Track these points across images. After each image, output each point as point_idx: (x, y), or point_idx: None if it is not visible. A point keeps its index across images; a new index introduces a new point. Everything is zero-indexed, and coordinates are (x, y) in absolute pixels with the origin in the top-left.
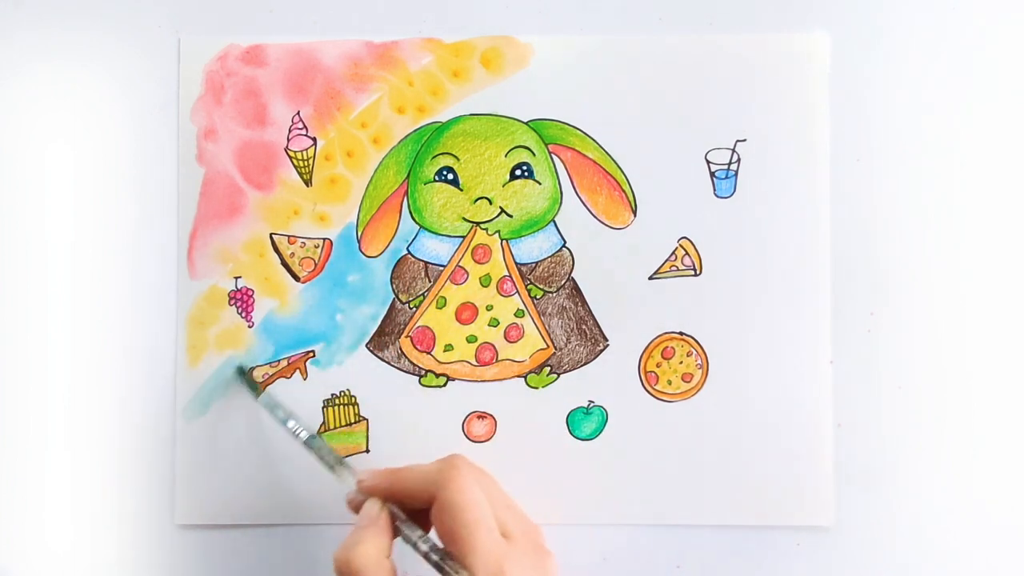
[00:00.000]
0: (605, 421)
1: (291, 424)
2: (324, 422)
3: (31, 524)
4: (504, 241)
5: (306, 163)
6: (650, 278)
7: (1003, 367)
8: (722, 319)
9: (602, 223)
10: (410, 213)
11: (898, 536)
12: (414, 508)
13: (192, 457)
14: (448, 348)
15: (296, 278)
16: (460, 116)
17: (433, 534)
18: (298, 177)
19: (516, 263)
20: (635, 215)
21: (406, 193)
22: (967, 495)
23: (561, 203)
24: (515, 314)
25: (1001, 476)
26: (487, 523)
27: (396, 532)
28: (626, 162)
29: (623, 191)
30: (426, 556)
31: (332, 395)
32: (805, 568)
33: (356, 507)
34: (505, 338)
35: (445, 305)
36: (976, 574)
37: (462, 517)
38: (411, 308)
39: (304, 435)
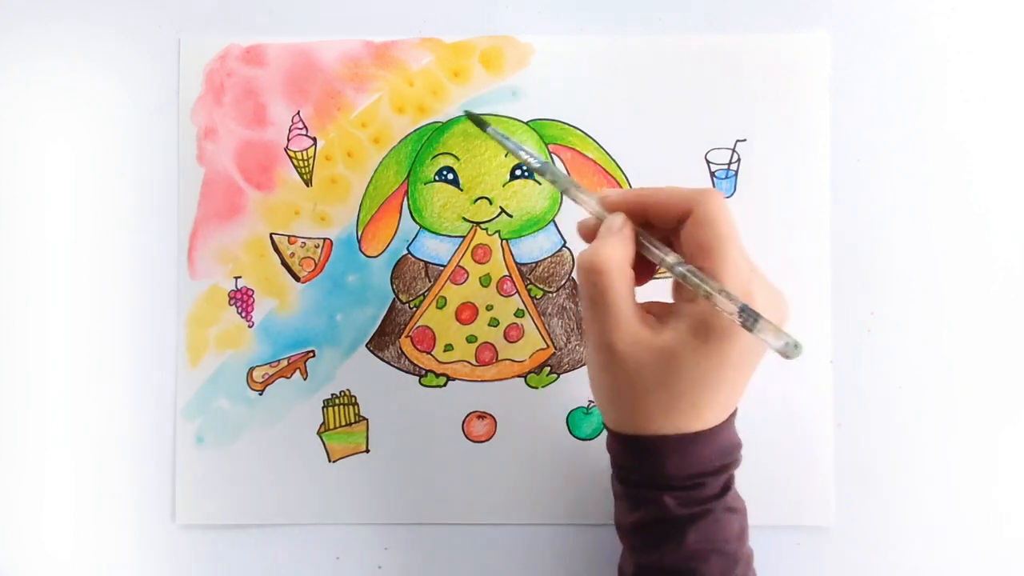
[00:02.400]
0: None
1: (523, 153)
2: (324, 422)
3: (31, 524)
4: (504, 241)
5: (306, 163)
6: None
7: (1003, 367)
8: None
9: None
10: (410, 213)
11: (898, 536)
12: (659, 227)
13: (192, 457)
14: (448, 348)
15: (296, 278)
16: (460, 116)
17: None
18: (298, 177)
19: (516, 263)
20: None
21: (406, 193)
22: (967, 495)
23: (561, 203)
24: (515, 314)
25: (1001, 476)
26: (739, 242)
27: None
28: (626, 162)
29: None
30: (671, 268)
31: (332, 395)
32: (805, 568)
33: (587, 232)
34: (505, 338)
35: (445, 305)
36: (976, 574)
37: (719, 230)
38: (411, 308)
39: (536, 162)
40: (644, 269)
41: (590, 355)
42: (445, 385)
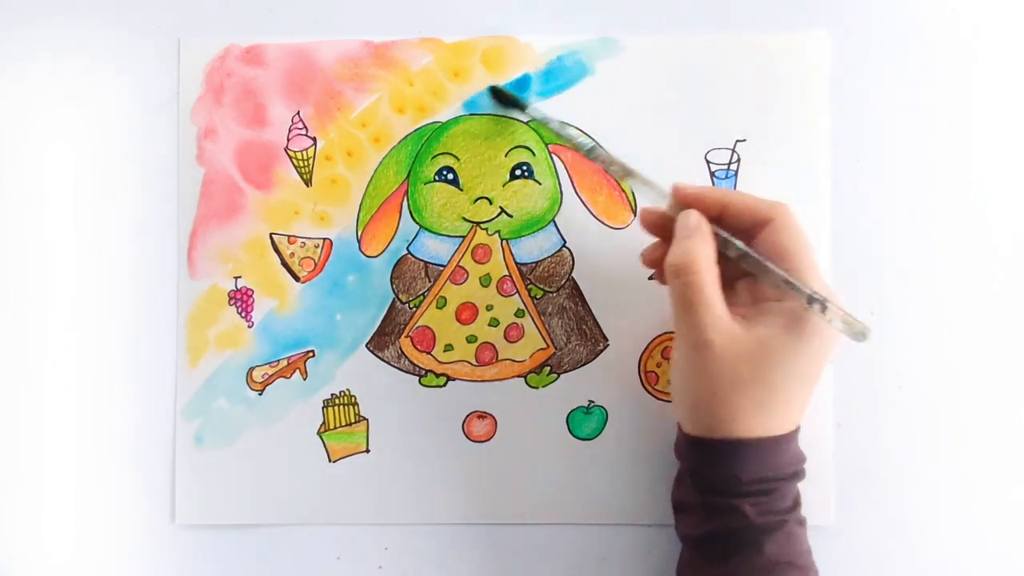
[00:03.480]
0: (605, 421)
1: (567, 132)
2: (324, 422)
3: (30, 524)
4: (504, 241)
5: (306, 163)
6: (650, 278)
7: (1003, 367)
8: None
9: (602, 223)
10: (410, 213)
11: (898, 536)
12: (728, 227)
13: (192, 457)
14: (448, 348)
15: (296, 278)
16: (460, 116)
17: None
18: (298, 177)
19: (516, 263)
20: (635, 215)
21: (406, 193)
22: (967, 495)
23: (561, 203)
24: (515, 314)
25: (1001, 476)
26: (815, 254)
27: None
28: (626, 162)
29: (623, 191)
30: (741, 257)
31: (332, 395)
32: None
33: (651, 219)
34: (505, 338)
35: (445, 305)
36: (976, 574)
37: (802, 237)
38: (411, 308)
39: (586, 146)
40: None
41: (683, 357)
42: (445, 385)
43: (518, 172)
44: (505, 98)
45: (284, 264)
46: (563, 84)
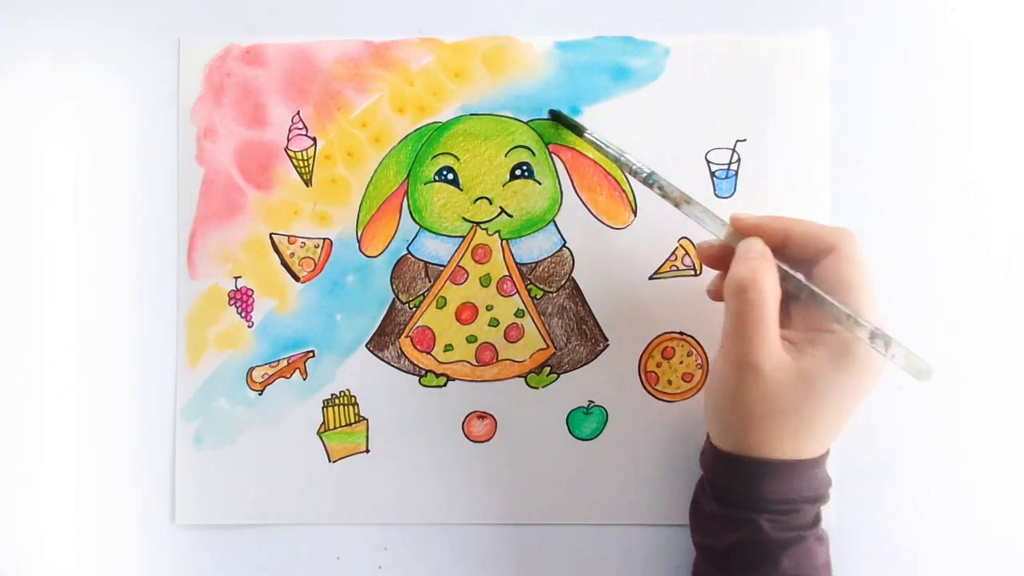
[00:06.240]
0: (605, 421)
1: (626, 159)
2: (324, 422)
3: (30, 524)
4: (504, 241)
5: (306, 163)
6: (650, 278)
7: (1003, 366)
8: (722, 319)
9: (602, 223)
10: (410, 213)
11: (898, 536)
12: (789, 256)
13: (192, 457)
14: (448, 348)
15: (296, 278)
16: (460, 116)
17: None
18: (298, 177)
19: (516, 263)
20: (635, 215)
21: (406, 193)
22: (967, 495)
23: (561, 203)
24: (515, 314)
25: (1001, 476)
26: (874, 285)
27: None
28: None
29: (623, 191)
30: (800, 290)
31: (332, 395)
32: None
33: (709, 255)
34: (505, 338)
35: (445, 305)
36: (976, 574)
37: (863, 269)
38: (411, 308)
39: (644, 172)
40: None
41: (724, 375)
42: (445, 385)
43: (518, 172)
44: (565, 121)
45: (284, 264)
46: (564, 84)
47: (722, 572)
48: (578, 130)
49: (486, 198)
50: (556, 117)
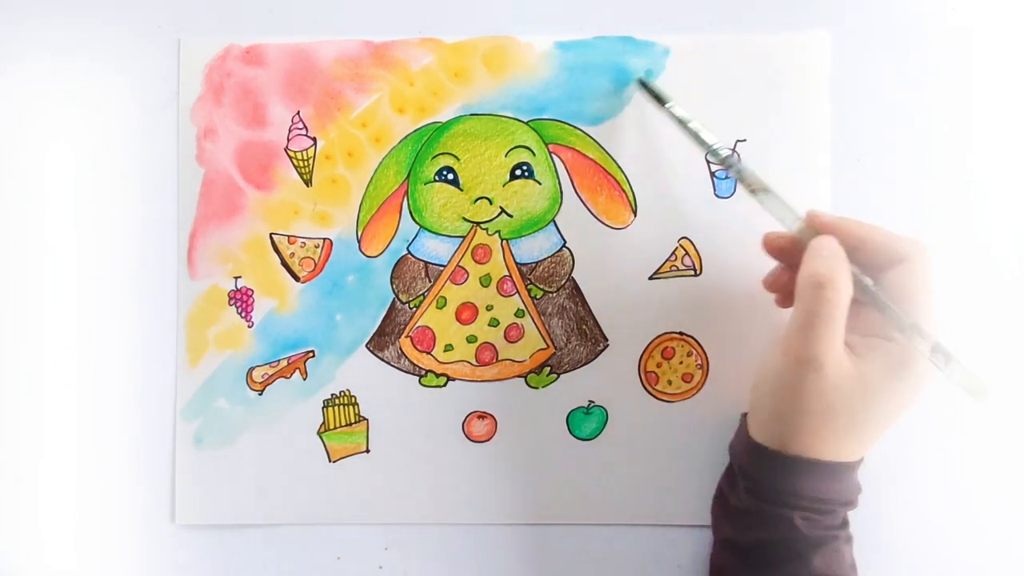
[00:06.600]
0: (605, 421)
1: (706, 136)
2: (324, 422)
3: (30, 524)
4: (504, 241)
5: (306, 163)
6: (650, 278)
7: (1003, 366)
8: (722, 319)
9: (602, 223)
10: (410, 213)
11: (899, 536)
12: (856, 261)
13: (192, 457)
14: (448, 348)
15: (296, 278)
16: (460, 116)
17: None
18: (298, 177)
19: (516, 263)
20: (635, 215)
21: (406, 193)
22: (967, 495)
23: (561, 203)
24: (515, 314)
25: (1001, 476)
26: (936, 300)
27: None
28: (626, 162)
29: (623, 191)
30: (866, 295)
31: (332, 395)
32: None
33: (774, 246)
34: (505, 338)
35: (445, 305)
36: (977, 573)
37: (931, 283)
38: (411, 308)
39: (723, 152)
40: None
41: (780, 368)
42: (445, 385)
43: (518, 172)
44: (651, 91)
45: (284, 264)
46: (564, 84)
47: (747, 566)
48: (662, 100)
49: (486, 198)
50: (643, 84)
